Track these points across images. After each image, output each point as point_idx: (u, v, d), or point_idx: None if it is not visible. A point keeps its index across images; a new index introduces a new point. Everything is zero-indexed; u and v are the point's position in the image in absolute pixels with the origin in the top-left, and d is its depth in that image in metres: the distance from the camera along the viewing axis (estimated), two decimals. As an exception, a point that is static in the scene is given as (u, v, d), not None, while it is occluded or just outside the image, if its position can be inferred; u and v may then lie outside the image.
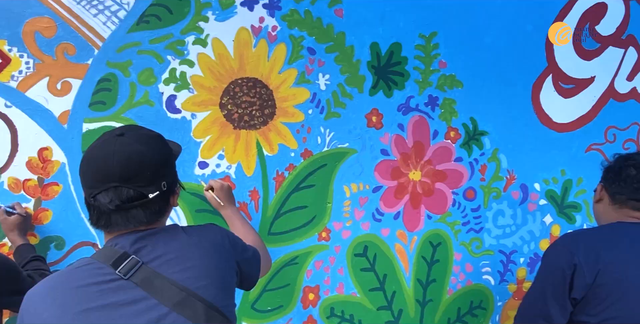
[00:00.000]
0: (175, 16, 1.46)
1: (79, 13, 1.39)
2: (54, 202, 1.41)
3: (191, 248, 0.96)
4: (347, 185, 1.71)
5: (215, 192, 1.43)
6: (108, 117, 1.43)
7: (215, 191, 1.43)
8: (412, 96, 1.75)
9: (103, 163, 0.91)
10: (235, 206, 1.47)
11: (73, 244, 1.42)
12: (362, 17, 1.65)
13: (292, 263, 1.67)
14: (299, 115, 1.63)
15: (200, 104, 1.51)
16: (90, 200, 0.92)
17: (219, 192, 1.42)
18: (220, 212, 1.44)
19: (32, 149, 1.38)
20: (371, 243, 1.75)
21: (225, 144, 1.55)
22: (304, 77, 1.62)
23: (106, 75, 1.42)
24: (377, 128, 1.72)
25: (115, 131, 0.95)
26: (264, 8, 1.55)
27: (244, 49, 1.54)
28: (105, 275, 0.88)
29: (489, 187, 1.87)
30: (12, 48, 1.35)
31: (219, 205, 1.42)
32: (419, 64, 1.74)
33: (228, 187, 1.45)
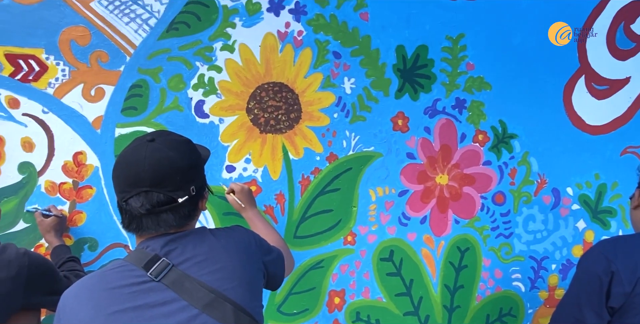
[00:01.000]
0: (204, 23, 1.52)
1: (112, 21, 1.46)
2: (88, 204, 1.48)
3: (219, 250, 1.00)
4: (373, 189, 1.73)
5: (236, 195, 1.47)
6: (139, 122, 1.50)
7: (236, 194, 1.47)
8: (438, 98, 1.76)
9: (134, 168, 0.94)
10: (256, 208, 1.50)
11: (106, 245, 1.50)
12: (388, 20, 1.68)
13: (317, 266, 1.70)
14: (324, 119, 1.66)
15: (227, 108, 1.57)
16: (122, 204, 0.97)
17: (240, 195, 1.46)
18: (242, 214, 1.48)
19: (68, 153, 1.46)
20: (397, 247, 1.77)
21: (251, 148, 1.60)
22: (330, 81, 1.65)
23: (137, 81, 1.49)
24: (403, 131, 1.74)
25: (146, 137, 0.99)
26: (289, 13, 1.59)
27: (270, 54, 1.59)
28: (137, 277, 0.92)
29: (519, 192, 1.85)
30: (49, 56, 1.43)
31: (240, 207, 1.46)
32: (445, 67, 1.75)
33: (248, 190, 1.49)
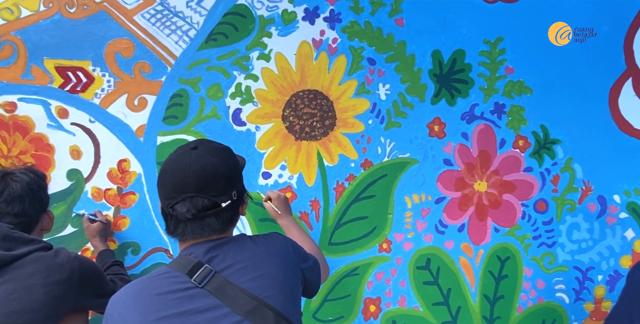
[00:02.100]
0: (241, 33, 1.60)
1: (154, 33, 1.57)
2: (131, 210, 1.59)
3: (259, 257, 1.04)
4: (409, 196, 1.76)
5: (273, 202, 1.53)
6: (180, 130, 1.59)
7: (272, 201, 1.53)
8: (476, 103, 1.77)
9: (180, 175, 1.01)
10: (291, 216, 1.55)
11: (147, 249, 1.59)
12: (424, 25, 1.71)
13: (352, 273, 1.74)
14: (359, 125, 1.71)
15: (263, 116, 1.64)
16: (168, 210, 1.02)
17: (277, 202, 1.52)
18: (278, 221, 1.54)
19: (113, 161, 1.57)
20: (434, 255, 1.78)
21: (287, 154, 1.67)
22: (364, 88, 1.70)
23: (178, 91, 1.59)
24: (440, 137, 1.76)
25: (189, 145, 1.06)
26: (324, 21, 1.66)
27: (305, 62, 1.65)
28: (181, 283, 0.97)
29: (562, 199, 1.84)
30: (95, 68, 1.55)
31: (277, 214, 1.52)
32: (484, 71, 1.76)
33: (285, 198, 1.55)
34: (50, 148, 1.54)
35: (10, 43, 1.51)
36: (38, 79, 1.53)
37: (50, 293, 1.11)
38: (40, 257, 1.13)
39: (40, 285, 1.10)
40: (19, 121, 1.53)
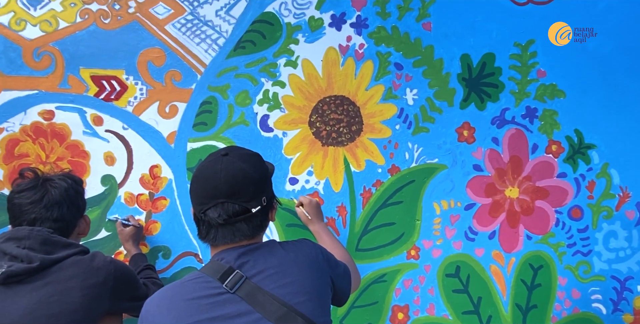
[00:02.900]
0: (268, 41, 1.67)
1: (185, 42, 1.65)
2: (162, 215, 1.66)
3: (290, 263, 1.08)
4: (437, 202, 1.78)
5: (304, 207, 1.58)
6: (209, 136, 1.66)
7: (304, 207, 1.58)
8: (507, 108, 1.78)
9: (211, 181, 1.06)
10: (323, 222, 1.60)
11: (178, 253, 1.66)
12: (452, 29, 1.74)
13: (380, 280, 1.77)
14: (386, 131, 1.74)
15: (290, 122, 1.70)
16: (200, 215, 1.07)
17: (308, 208, 1.57)
18: (309, 227, 1.58)
19: (145, 167, 1.66)
20: (464, 263, 1.80)
21: (314, 160, 1.72)
22: (391, 93, 1.74)
23: (207, 98, 1.66)
24: (469, 142, 1.78)
25: (220, 152, 1.11)
26: (351, 27, 1.70)
27: (332, 68, 1.70)
28: (213, 288, 1.01)
29: (598, 206, 1.82)
30: (128, 77, 1.65)
31: (308, 220, 1.57)
32: (514, 74, 1.77)
33: (317, 204, 1.59)
34: (85, 154, 1.64)
35: (49, 54, 1.62)
36: (74, 88, 1.63)
37: (88, 295, 1.18)
38: (78, 261, 1.20)
39: (79, 288, 1.17)
40: (56, 128, 1.63)
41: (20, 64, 1.61)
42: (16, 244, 1.17)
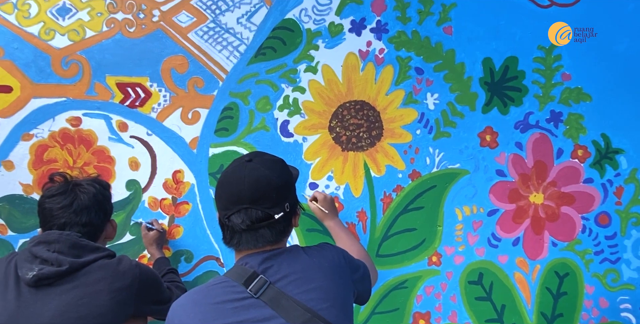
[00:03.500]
0: (289, 47, 1.72)
1: (207, 50, 1.71)
2: (185, 219, 1.73)
3: (313, 268, 1.11)
4: (459, 208, 1.80)
5: (319, 203, 1.60)
6: (230, 142, 1.72)
7: (319, 202, 1.60)
8: (531, 112, 1.79)
9: (235, 187, 1.09)
10: (338, 218, 1.62)
11: (200, 257, 1.72)
12: (474, 32, 1.75)
13: (401, 286, 1.79)
14: (406, 136, 1.77)
15: (310, 127, 1.74)
16: (224, 221, 1.11)
17: (323, 203, 1.59)
18: (324, 222, 1.60)
19: (168, 172, 1.72)
20: (487, 270, 1.80)
21: (334, 165, 1.76)
22: (412, 98, 1.76)
23: (229, 104, 1.72)
24: (492, 147, 1.79)
25: (244, 158, 1.15)
26: (371, 32, 1.74)
27: (352, 73, 1.74)
28: (238, 293, 1.05)
29: (626, 213, 1.80)
30: (152, 84, 1.72)
31: (323, 215, 1.59)
32: (538, 78, 1.78)
33: (331, 199, 1.62)
34: (111, 160, 1.72)
35: (76, 62, 1.71)
36: (100, 95, 1.71)
37: (115, 299, 1.23)
38: (105, 264, 1.26)
39: (106, 291, 1.23)
40: (83, 134, 1.72)
41: (49, 72, 1.70)
42: (46, 248, 1.23)
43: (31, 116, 1.70)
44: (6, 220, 1.71)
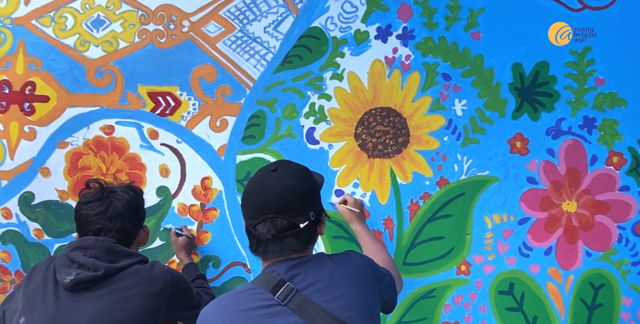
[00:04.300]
0: (315, 55, 1.78)
1: (235, 59, 1.80)
2: (213, 225, 1.81)
3: (339, 277, 1.14)
4: (489, 216, 1.81)
5: (349, 205, 1.64)
6: (257, 149, 1.80)
7: (349, 205, 1.64)
8: (563, 118, 1.79)
9: (261, 197, 1.13)
10: (365, 223, 1.65)
11: (227, 263, 1.80)
12: (503, 37, 1.77)
13: (428, 295, 1.82)
14: (433, 142, 1.80)
15: (336, 134, 1.80)
16: (251, 230, 1.15)
17: (353, 206, 1.63)
18: (351, 226, 1.64)
19: (197, 179, 1.81)
20: (518, 280, 1.81)
21: (359, 172, 1.81)
22: (439, 104, 1.80)
23: (256, 112, 1.80)
24: (522, 154, 1.80)
25: (269, 167, 1.20)
26: (397, 39, 1.79)
27: (378, 80, 1.79)
28: (265, 300, 1.09)
29: (666, 222, 1.79)
30: (182, 93, 1.81)
31: (351, 218, 1.62)
32: (570, 83, 1.78)
33: (361, 203, 1.66)
34: (142, 167, 1.82)
35: (110, 72, 1.82)
36: (132, 104, 1.82)
37: (148, 303, 1.30)
38: (139, 269, 1.33)
39: (139, 296, 1.30)
40: (116, 142, 1.82)
41: (84, 82, 1.82)
42: (83, 253, 1.31)
43: (67, 125, 1.83)
44: (42, 225, 1.83)
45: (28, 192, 1.83)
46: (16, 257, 1.84)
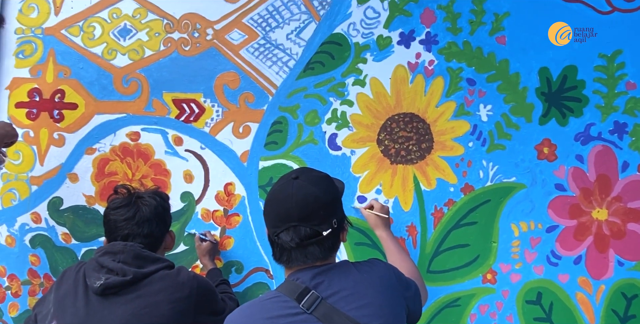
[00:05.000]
0: (337, 61, 1.83)
1: (257, 66, 1.86)
2: (235, 230, 1.86)
3: (364, 285, 1.16)
4: (516, 223, 1.81)
5: (375, 210, 1.66)
6: (279, 155, 1.85)
7: (375, 210, 1.66)
8: (592, 123, 1.78)
9: (283, 205, 1.16)
10: (390, 229, 1.67)
11: (250, 269, 1.85)
12: (529, 41, 1.78)
13: (453, 304, 1.82)
14: (458, 148, 1.82)
15: (358, 140, 1.84)
16: (274, 238, 1.18)
17: (380, 212, 1.65)
18: (376, 232, 1.66)
19: (220, 184, 1.87)
20: (546, 289, 1.80)
21: (382, 178, 1.84)
22: (463, 109, 1.82)
23: (278, 118, 1.85)
24: (550, 160, 1.80)
25: (291, 175, 1.22)
26: (420, 44, 1.82)
27: (401, 85, 1.82)
28: (291, 308, 1.10)
29: (702, 231, 1.76)
30: (206, 99, 1.88)
31: (376, 224, 1.64)
32: (600, 87, 1.78)
33: (387, 209, 1.68)
34: (167, 173, 1.89)
35: (136, 80, 1.90)
36: (158, 110, 1.89)
37: (175, 309, 1.35)
38: (166, 275, 1.38)
39: (167, 301, 1.34)
40: (141, 148, 1.90)
41: (111, 90, 1.91)
42: (112, 258, 1.37)
43: (94, 131, 1.92)
44: (70, 229, 1.92)
45: (57, 198, 1.93)
46: (45, 261, 1.93)
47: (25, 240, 1.94)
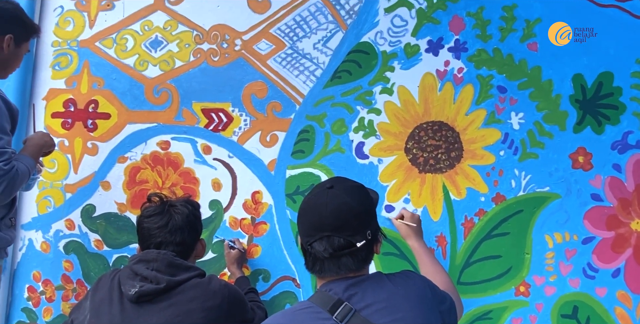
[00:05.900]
0: (364, 69, 1.88)
1: (285, 75, 1.93)
2: (262, 239, 1.92)
3: (398, 298, 1.16)
4: (550, 234, 1.81)
5: (405, 220, 1.68)
6: (306, 164, 1.91)
7: (405, 219, 1.68)
8: (630, 131, 1.77)
9: (317, 214, 1.19)
10: (423, 240, 1.68)
11: (277, 277, 1.90)
12: (562, 48, 1.78)
13: (485, 317, 1.83)
14: (489, 157, 1.84)
15: (386, 149, 1.87)
16: (307, 247, 1.19)
17: (410, 221, 1.67)
18: (408, 242, 1.68)
19: (247, 193, 1.94)
20: (582, 303, 1.78)
21: (410, 188, 1.87)
22: (494, 117, 1.83)
23: (305, 127, 1.92)
24: (586, 169, 1.80)
25: (326, 184, 1.24)
26: (449, 51, 1.85)
27: (429, 93, 1.86)
28: (324, 320, 1.11)
29: None
30: (234, 109, 1.96)
31: (408, 234, 1.66)
32: (637, 94, 1.77)
33: (419, 218, 1.70)
34: (196, 181, 1.98)
35: (167, 90, 2.00)
36: (187, 120, 1.98)
37: (207, 317, 1.40)
38: (198, 283, 1.44)
39: (199, 310, 1.40)
40: (171, 157, 1.99)
41: (143, 100, 2.01)
42: (146, 266, 1.43)
43: (126, 140, 2.02)
44: (102, 236, 2.02)
45: (90, 205, 2.03)
46: (78, 266, 2.04)
47: (60, 246, 2.06)
